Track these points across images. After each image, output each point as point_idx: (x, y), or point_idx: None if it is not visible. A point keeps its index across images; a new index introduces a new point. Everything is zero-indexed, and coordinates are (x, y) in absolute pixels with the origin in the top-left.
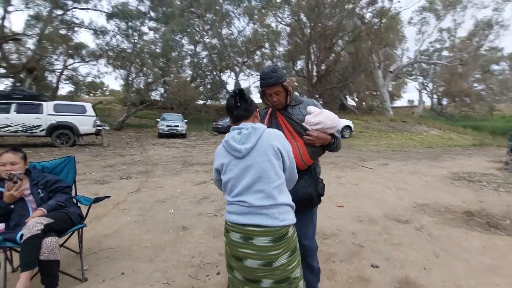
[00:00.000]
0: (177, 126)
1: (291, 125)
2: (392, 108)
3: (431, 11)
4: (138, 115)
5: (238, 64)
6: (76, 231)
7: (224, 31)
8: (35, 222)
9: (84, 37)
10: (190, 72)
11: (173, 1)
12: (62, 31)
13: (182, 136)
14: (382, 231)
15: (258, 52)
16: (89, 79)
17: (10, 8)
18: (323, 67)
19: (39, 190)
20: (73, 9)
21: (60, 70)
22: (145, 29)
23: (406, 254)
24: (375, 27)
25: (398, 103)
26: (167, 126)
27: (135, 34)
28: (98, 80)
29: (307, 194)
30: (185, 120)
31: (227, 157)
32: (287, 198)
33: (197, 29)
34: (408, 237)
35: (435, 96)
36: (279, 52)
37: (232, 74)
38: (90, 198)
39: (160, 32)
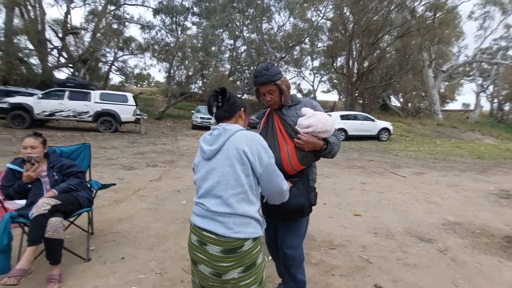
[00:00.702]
0: (210, 118)
1: (284, 127)
2: (443, 111)
3: (496, 5)
4: (177, 106)
5: (276, 59)
6: (87, 213)
7: (264, 26)
8: (43, 202)
9: (133, 31)
10: (228, 66)
11: None
12: (114, 26)
13: None
14: (398, 248)
15: (297, 48)
16: (136, 70)
17: (72, 5)
18: (365, 64)
19: (54, 173)
20: (124, 5)
21: (110, 62)
22: (188, 23)
23: (418, 278)
24: (428, 21)
25: (451, 106)
26: (201, 118)
27: (179, 28)
28: (144, 72)
29: (298, 205)
30: None
31: (198, 157)
32: (250, 209)
33: (237, 24)
34: (427, 259)
35: (495, 100)
36: (318, 47)
37: None
38: (100, 183)
39: (202, 27)
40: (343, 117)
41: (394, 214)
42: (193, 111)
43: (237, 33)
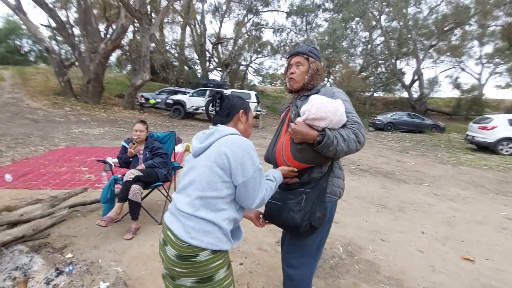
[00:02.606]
0: None
1: (291, 118)
2: None
3: None
4: None
5: (423, 48)
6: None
7: (410, 10)
8: (130, 172)
9: (267, 35)
10: (360, 62)
11: None
12: (253, 32)
13: None
14: None
15: (456, 31)
16: (270, 71)
17: (224, 20)
18: None
19: (147, 152)
20: (261, 13)
21: (247, 64)
22: (318, 21)
23: None
24: None
25: None
26: None
27: (308, 27)
28: (278, 72)
29: (291, 221)
30: None
31: (188, 157)
32: (213, 216)
33: (374, 13)
34: None
35: None
36: (489, 28)
37: (413, 61)
38: (181, 166)
39: (329, 23)
40: None
41: None
42: None
43: (374, 22)
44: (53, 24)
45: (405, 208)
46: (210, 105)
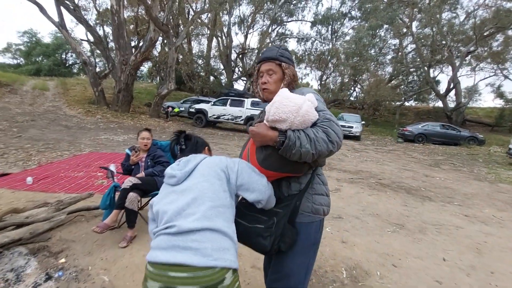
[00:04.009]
0: (351, 127)
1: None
2: None
3: None
4: None
5: (460, 55)
6: None
7: (444, 15)
8: (128, 180)
9: (291, 45)
10: (390, 70)
11: None
12: (277, 42)
13: (355, 138)
14: None
15: (497, 37)
16: None
17: (249, 31)
18: None
19: (149, 160)
20: (286, 23)
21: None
22: (344, 29)
23: None
24: None
25: None
26: (341, 126)
27: (333, 36)
28: (303, 81)
29: (259, 247)
30: (363, 122)
31: (163, 191)
32: (229, 227)
33: (404, 19)
34: None
35: None
36: None
37: (448, 69)
38: None
39: (355, 31)
40: None
41: None
42: None
43: (405, 29)
44: (92, 38)
45: (426, 230)
46: (174, 144)
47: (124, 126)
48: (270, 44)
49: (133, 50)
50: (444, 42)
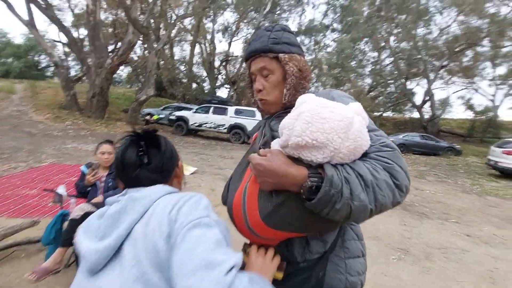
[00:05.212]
0: None
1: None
2: None
3: None
4: None
5: (434, 69)
6: None
7: (419, 31)
8: (79, 208)
9: None
10: (369, 81)
11: (359, 9)
12: None
13: None
14: None
15: (467, 53)
16: None
17: (233, 39)
18: None
19: (110, 180)
20: None
21: None
22: (327, 41)
23: None
24: None
25: None
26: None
27: (316, 47)
28: None
29: None
30: None
31: (79, 271)
32: None
33: (382, 33)
34: None
35: None
36: (504, 48)
37: (424, 81)
38: None
39: (338, 42)
40: None
41: None
42: None
43: (383, 43)
44: (66, 40)
45: (432, 255)
46: (131, 151)
47: (96, 133)
48: None
49: (110, 54)
50: (419, 56)
